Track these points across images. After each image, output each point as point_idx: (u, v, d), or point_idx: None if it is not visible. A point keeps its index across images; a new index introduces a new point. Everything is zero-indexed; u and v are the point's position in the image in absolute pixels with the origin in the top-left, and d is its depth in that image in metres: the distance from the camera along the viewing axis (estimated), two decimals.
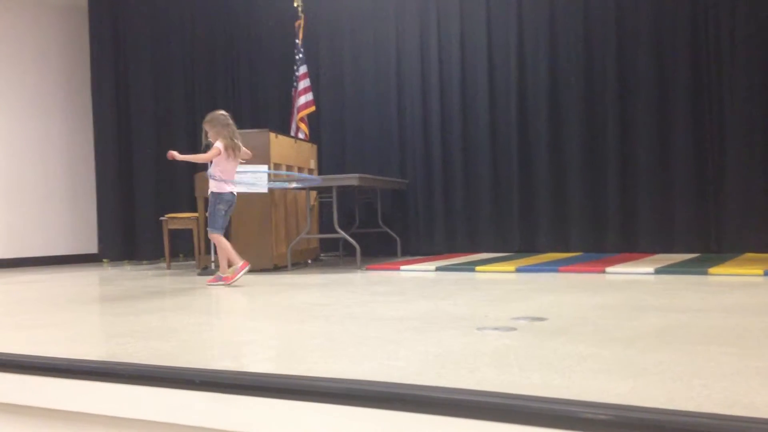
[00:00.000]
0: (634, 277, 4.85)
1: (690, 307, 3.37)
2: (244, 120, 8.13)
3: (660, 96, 6.40)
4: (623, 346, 2.44)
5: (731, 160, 6.10)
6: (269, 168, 6.00)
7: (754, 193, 6.00)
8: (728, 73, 6.11)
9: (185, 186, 7.66)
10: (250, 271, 6.01)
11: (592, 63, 6.68)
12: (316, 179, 5.90)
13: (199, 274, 5.97)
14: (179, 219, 6.76)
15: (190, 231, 6.76)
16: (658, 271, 4.95)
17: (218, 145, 5.07)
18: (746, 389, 1.82)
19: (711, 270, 4.79)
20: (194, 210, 6.79)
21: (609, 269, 5.14)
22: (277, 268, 6.14)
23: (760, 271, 4.60)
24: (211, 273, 5.92)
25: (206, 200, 5.66)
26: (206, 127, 5.17)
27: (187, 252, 7.42)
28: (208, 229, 5.14)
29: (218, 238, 5.08)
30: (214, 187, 5.11)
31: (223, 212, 5.10)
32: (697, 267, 4.98)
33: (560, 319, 3.19)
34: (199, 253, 6.53)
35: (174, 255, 7.24)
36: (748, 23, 6.02)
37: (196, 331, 3.09)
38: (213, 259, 6.08)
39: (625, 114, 6.54)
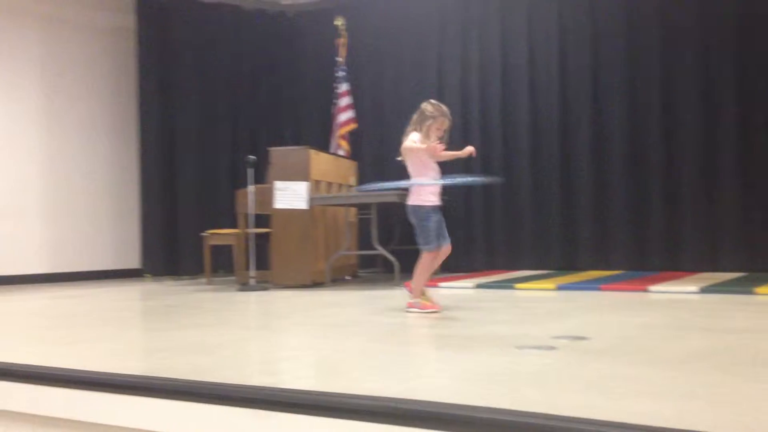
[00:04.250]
0: (677, 296, 4.74)
1: (736, 328, 3.28)
2: (285, 138, 8.23)
3: (705, 114, 6.28)
4: (668, 368, 2.38)
5: None
6: (308, 185, 6.04)
7: None
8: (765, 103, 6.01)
9: (226, 202, 7.76)
10: (288, 287, 6.05)
11: (635, 81, 6.59)
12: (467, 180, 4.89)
13: (239, 290, 6.02)
14: (220, 235, 6.84)
15: (231, 247, 6.83)
16: (702, 290, 4.83)
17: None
18: None
19: (758, 289, 4.65)
20: (235, 226, 6.87)
21: (652, 288, 5.03)
22: (315, 284, 6.16)
23: None
24: (251, 289, 5.97)
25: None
26: None
27: (228, 268, 7.49)
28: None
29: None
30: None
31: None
32: (744, 286, 4.85)
33: (602, 338, 3.13)
34: (239, 269, 6.59)
35: (214, 270, 7.32)
36: None
37: (235, 347, 3.11)
38: (252, 275, 6.13)
39: (668, 131, 6.43)
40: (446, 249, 4.27)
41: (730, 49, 6.20)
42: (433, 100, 4.34)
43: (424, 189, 4.19)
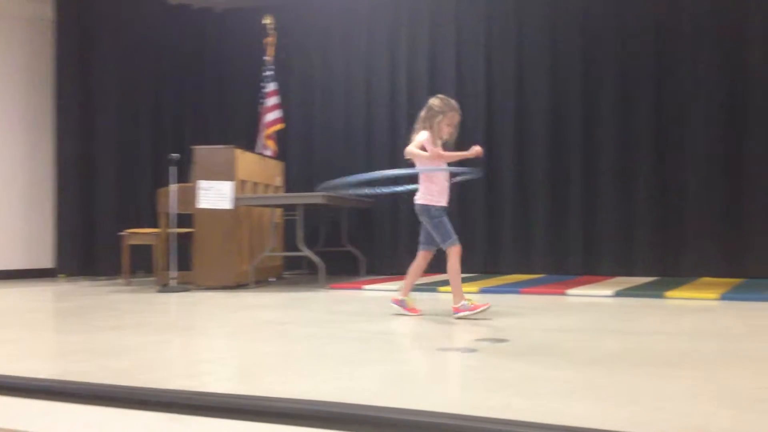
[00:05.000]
0: (594, 299, 4.90)
1: (648, 330, 3.42)
2: (211, 137, 8.08)
3: (623, 125, 6.50)
4: (584, 369, 2.46)
5: (690, 189, 6.22)
6: (233, 185, 5.95)
7: (711, 221, 6.13)
8: (690, 107, 6.25)
9: (148, 201, 7.56)
10: (211, 288, 5.95)
11: (557, 88, 6.76)
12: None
13: (159, 291, 5.87)
14: (140, 234, 6.66)
15: (151, 247, 6.66)
16: (617, 294, 5.02)
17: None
18: (702, 412, 1.85)
19: (668, 293, 4.87)
20: (156, 226, 6.70)
21: (570, 291, 5.18)
22: (239, 286, 6.07)
23: (715, 295, 4.69)
24: (172, 290, 5.84)
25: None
26: None
27: (147, 268, 7.29)
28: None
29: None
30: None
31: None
32: (655, 290, 5.06)
33: (522, 340, 3.21)
34: (159, 270, 6.43)
35: (133, 271, 7.11)
36: (712, 56, 6.18)
37: (153, 350, 3.03)
38: (173, 276, 5.99)
39: (588, 141, 6.63)
40: (430, 254, 4.18)
41: (647, 58, 6.44)
42: (440, 95, 4.18)
43: (433, 189, 4.05)
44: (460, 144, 4.23)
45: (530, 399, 2.04)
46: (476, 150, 4.02)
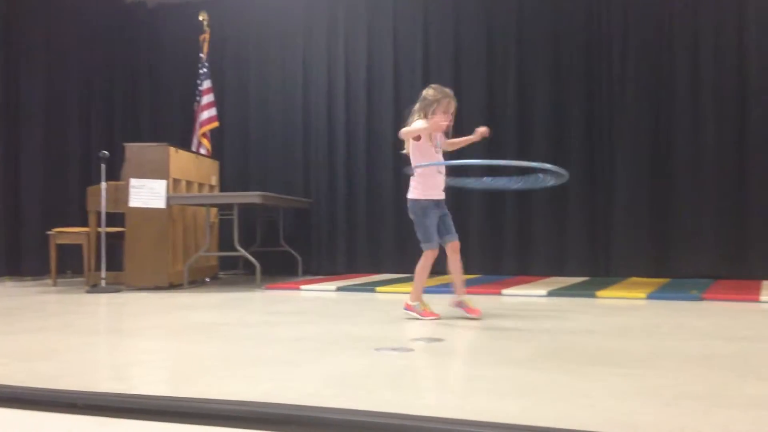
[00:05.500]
0: (528, 299, 5.00)
1: (579, 328, 3.50)
2: (144, 134, 7.89)
3: (555, 128, 6.65)
4: (516, 367, 2.51)
5: (620, 191, 6.41)
6: (166, 184, 5.83)
7: (639, 222, 6.33)
8: (619, 111, 6.44)
9: (77, 199, 7.33)
10: (143, 289, 5.81)
11: (494, 91, 6.86)
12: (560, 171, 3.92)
13: (88, 292, 5.70)
14: (68, 234, 6.45)
15: (80, 246, 6.46)
16: (550, 294, 5.13)
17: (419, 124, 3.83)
18: (628, 409, 1.91)
19: (599, 293, 5.01)
20: (85, 225, 6.50)
21: (505, 291, 5.28)
22: (172, 286, 5.95)
23: (643, 295, 4.85)
24: (102, 291, 5.68)
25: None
26: None
27: (77, 268, 7.07)
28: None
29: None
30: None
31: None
32: (586, 290, 5.19)
33: (457, 340, 3.25)
34: (89, 270, 6.25)
35: (61, 271, 6.89)
36: (638, 60, 6.38)
37: (80, 352, 2.94)
38: (103, 276, 5.83)
39: (521, 143, 6.75)
40: (453, 245, 3.89)
41: (579, 68, 6.60)
42: (434, 84, 4.03)
43: (425, 181, 3.84)
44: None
45: (463, 397, 2.07)
46: (481, 131, 3.96)
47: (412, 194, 3.89)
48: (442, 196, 3.93)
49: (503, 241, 6.77)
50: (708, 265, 6.01)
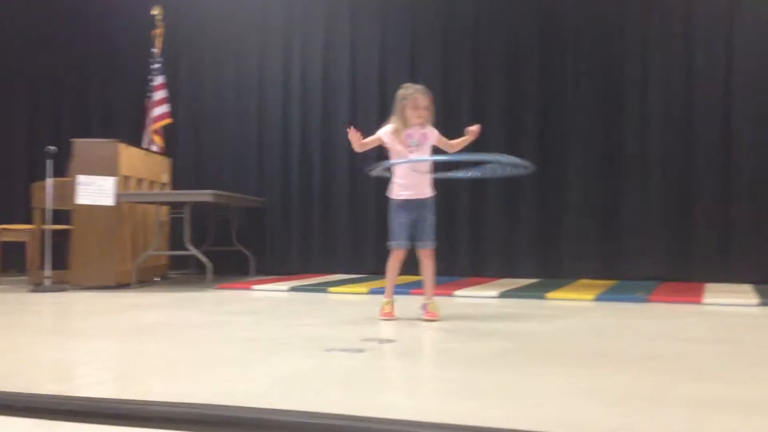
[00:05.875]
0: (480, 300, 5.04)
1: (529, 330, 3.55)
2: (93, 129, 7.71)
3: (508, 130, 6.71)
4: (467, 368, 2.52)
5: (570, 195, 6.50)
6: (115, 181, 5.71)
7: (588, 226, 6.44)
8: (570, 114, 6.54)
9: (21, 196, 7.12)
10: (89, 288, 5.67)
11: (449, 91, 6.89)
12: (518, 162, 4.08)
13: (32, 291, 5.54)
14: (12, 231, 6.27)
15: (24, 244, 6.27)
16: (501, 295, 5.18)
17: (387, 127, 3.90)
18: (575, 409, 1.93)
19: (548, 294, 5.08)
20: (30, 222, 6.32)
21: (457, 293, 5.31)
22: (120, 286, 5.83)
23: (591, 296, 4.94)
24: (46, 290, 5.53)
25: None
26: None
27: (20, 267, 6.87)
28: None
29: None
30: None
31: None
32: (537, 291, 5.26)
33: (408, 341, 3.25)
34: (33, 269, 6.07)
35: (4, 269, 6.68)
36: (590, 64, 6.50)
37: (22, 353, 2.86)
38: (48, 274, 5.67)
39: (474, 144, 6.77)
40: (422, 252, 3.90)
41: (533, 71, 6.69)
42: (405, 84, 4.06)
43: (396, 181, 3.88)
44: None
45: (413, 398, 2.07)
46: (473, 130, 3.95)
47: (388, 193, 3.97)
48: (417, 196, 3.88)
49: (456, 243, 6.81)
50: (654, 268, 6.15)
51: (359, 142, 3.91)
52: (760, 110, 5.97)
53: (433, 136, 3.96)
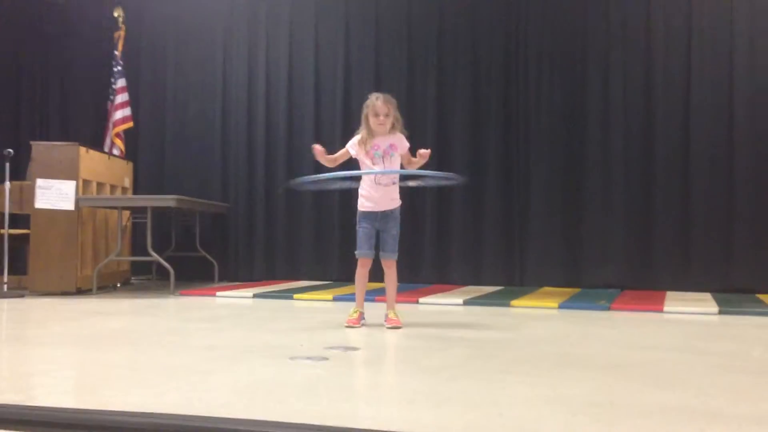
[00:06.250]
0: (444, 307, 5.05)
1: (493, 337, 3.56)
2: (52, 132, 7.57)
3: (472, 139, 6.75)
4: (430, 376, 2.52)
5: (534, 204, 6.57)
6: (75, 185, 5.61)
7: (552, 234, 6.51)
8: (534, 126, 6.61)
9: None
10: (48, 294, 5.56)
11: (412, 98, 6.91)
12: (450, 176, 4.23)
13: None
14: None
15: None
16: (466, 303, 5.21)
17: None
18: (538, 417, 1.94)
19: (513, 302, 5.12)
20: None
21: (422, 300, 5.32)
22: (80, 292, 5.72)
23: (555, 305, 4.98)
24: (3, 296, 5.39)
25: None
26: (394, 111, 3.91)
27: None
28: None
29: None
30: None
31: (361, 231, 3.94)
32: (501, 299, 5.30)
33: (372, 348, 3.24)
34: None
35: None
36: (552, 73, 6.59)
37: None
38: (5, 280, 5.54)
39: (439, 153, 6.80)
40: (384, 262, 3.92)
41: (498, 85, 6.74)
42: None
43: (360, 192, 3.93)
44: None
45: (376, 407, 2.06)
46: (423, 154, 3.91)
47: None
48: (380, 208, 3.88)
49: (421, 251, 6.83)
50: (616, 276, 6.24)
51: (327, 158, 3.92)
52: (717, 121, 6.11)
53: (402, 146, 3.94)
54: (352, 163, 4.08)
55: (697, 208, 6.12)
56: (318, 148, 3.89)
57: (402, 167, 3.96)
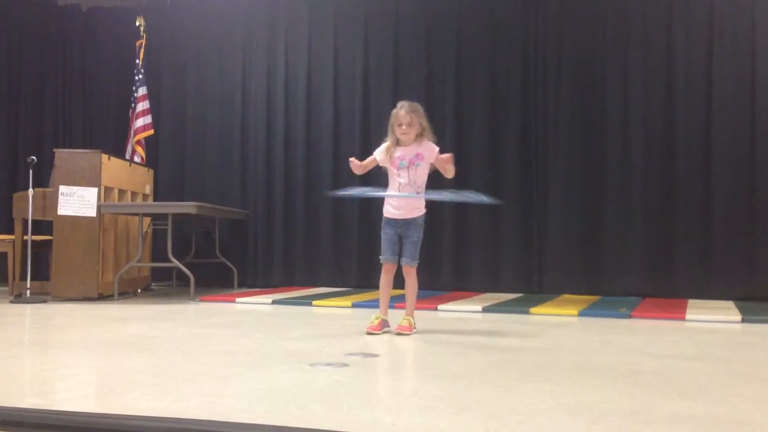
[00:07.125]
0: (463, 314, 5.04)
1: (512, 345, 3.55)
2: (75, 140, 7.67)
3: (491, 150, 6.74)
4: (449, 383, 2.52)
5: (553, 211, 6.55)
6: (97, 192, 5.67)
7: (571, 241, 6.47)
8: (552, 134, 6.59)
9: (2, 206, 7.05)
10: (71, 300, 5.62)
11: (431, 111, 6.87)
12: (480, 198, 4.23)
13: (12, 302, 5.48)
14: None
15: (5, 254, 6.21)
16: (485, 310, 5.19)
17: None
18: (557, 425, 1.94)
19: (532, 309, 5.09)
20: (10, 232, 6.26)
21: (441, 307, 5.31)
22: (102, 298, 5.77)
23: (575, 312, 4.95)
24: (27, 301, 5.47)
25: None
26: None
27: (1, 278, 6.80)
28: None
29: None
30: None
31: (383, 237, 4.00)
32: (520, 306, 5.28)
33: (392, 355, 3.25)
34: (13, 280, 6.01)
35: None
36: (572, 86, 6.56)
37: (1, 365, 2.82)
38: (28, 285, 5.61)
39: (458, 164, 6.76)
40: (403, 269, 3.97)
41: (515, 98, 6.73)
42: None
43: (386, 200, 3.99)
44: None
45: (396, 414, 2.06)
46: (446, 158, 3.92)
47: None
48: (399, 216, 3.92)
49: (440, 258, 6.82)
50: (637, 284, 6.19)
51: (359, 166, 3.98)
52: (740, 127, 6.05)
53: (431, 154, 3.94)
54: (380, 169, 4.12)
55: (719, 215, 6.06)
56: (355, 162, 3.97)
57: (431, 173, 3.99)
